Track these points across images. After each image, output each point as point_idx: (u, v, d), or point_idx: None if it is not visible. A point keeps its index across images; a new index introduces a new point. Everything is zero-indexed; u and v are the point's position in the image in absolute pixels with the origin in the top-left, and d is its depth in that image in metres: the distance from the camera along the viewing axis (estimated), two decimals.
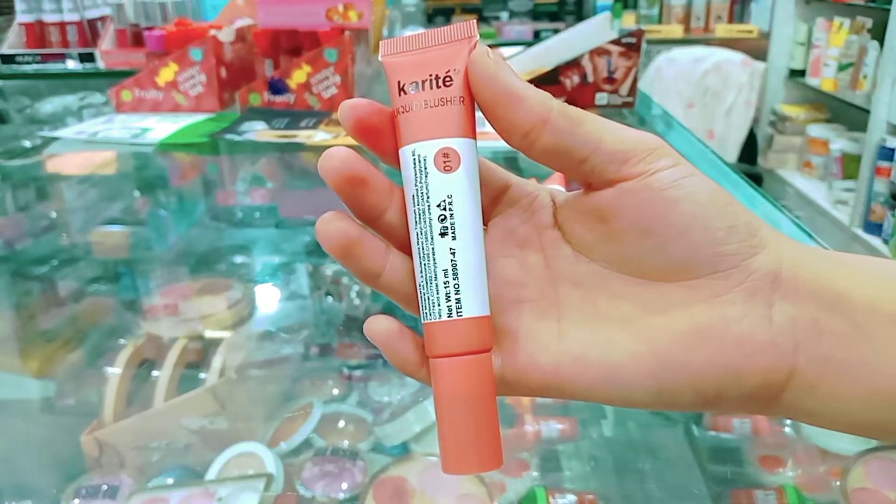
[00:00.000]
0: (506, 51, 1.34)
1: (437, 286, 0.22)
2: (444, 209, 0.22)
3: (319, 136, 0.98)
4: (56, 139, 1.02)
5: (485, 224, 0.24)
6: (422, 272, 0.23)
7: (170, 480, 0.56)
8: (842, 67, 2.33)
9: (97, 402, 0.61)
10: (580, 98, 1.07)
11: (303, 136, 0.98)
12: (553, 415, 0.61)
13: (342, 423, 0.62)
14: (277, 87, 1.09)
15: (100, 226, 0.89)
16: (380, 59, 0.23)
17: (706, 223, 0.21)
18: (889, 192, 1.95)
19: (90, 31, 1.47)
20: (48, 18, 1.44)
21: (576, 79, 1.06)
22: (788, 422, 0.60)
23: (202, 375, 0.63)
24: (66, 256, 0.83)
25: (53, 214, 0.93)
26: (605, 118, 0.22)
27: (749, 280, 0.21)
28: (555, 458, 0.58)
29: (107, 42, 1.42)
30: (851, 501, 0.49)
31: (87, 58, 1.42)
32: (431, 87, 0.22)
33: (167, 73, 1.11)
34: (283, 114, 1.08)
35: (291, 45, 1.12)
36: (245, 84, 1.12)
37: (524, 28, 3.02)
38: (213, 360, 0.63)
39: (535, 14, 3.21)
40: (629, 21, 2.94)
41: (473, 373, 0.22)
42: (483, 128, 0.23)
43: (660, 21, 2.97)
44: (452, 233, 0.22)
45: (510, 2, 3.22)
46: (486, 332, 0.23)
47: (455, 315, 0.22)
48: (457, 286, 0.22)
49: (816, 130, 2.47)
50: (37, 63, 1.42)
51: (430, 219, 0.22)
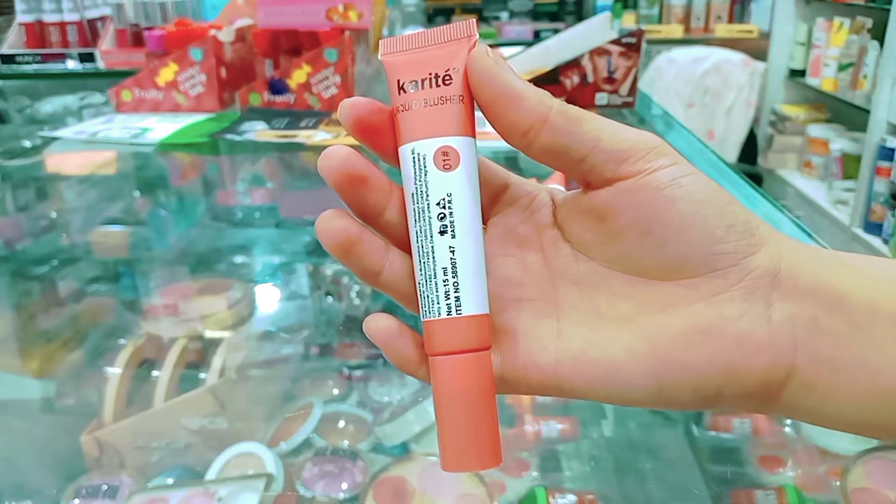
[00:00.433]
0: (506, 51, 1.34)
1: (437, 284, 0.22)
2: (444, 207, 0.22)
3: (319, 136, 0.98)
4: (56, 139, 1.02)
5: (484, 223, 0.24)
6: (421, 270, 0.23)
7: (170, 480, 0.56)
8: (842, 67, 2.33)
9: (97, 402, 0.61)
10: (580, 98, 1.07)
11: (303, 136, 0.98)
12: (553, 415, 0.61)
13: (342, 423, 0.62)
14: (277, 87, 1.09)
15: (100, 226, 0.89)
16: (379, 58, 0.23)
17: (705, 222, 0.21)
18: (889, 192, 1.95)
19: (90, 31, 1.47)
20: (48, 18, 1.44)
21: (576, 79, 1.06)
22: (788, 422, 0.60)
23: (202, 375, 0.63)
24: (66, 256, 0.83)
25: (53, 214, 0.93)
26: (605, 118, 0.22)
27: (748, 278, 0.21)
28: (555, 458, 0.58)
29: (107, 42, 1.42)
30: (851, 501, 0.49)
31: (87, 58, 1.42)
32: (431, 86, 0.22)
33: (167, 73, 1.11)
34: (283, 114, 1.08)
35: (291, 45, 1.12)
36: (245, 84, 1.12)
37: (524, 28, 3.02)
38: (213, 360, 0.63)
39: (535, 14, 3.21)
40: (629, 21, 2.94)
41: (473, 371, 0.22)
42: (483, 128, 0.23)
43: (660, 21, 2.97)
44: (452, 231, 0.22)
45: (510, 2, 3.22)
46: (486, 331, 0.23)
47: (454, 313, 0.22)
48: (456, 284, 0.22)
49: (816, 130, 2.47)
50: (37, 63, 1.42)
51: (430, 217, 0.22)
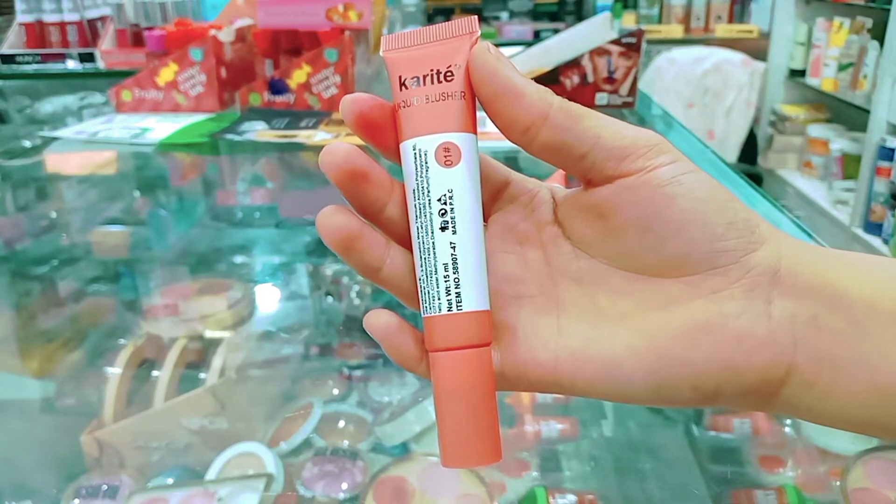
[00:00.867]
0: (506, 51, 1.34)
1: (437, 280, 0.22)
2: (445, 203, 0.22)
3: (319, 136, 0.98)
4: (56, 139, 1.02)
5: (485, 220, 0.24)
6: (422, 266, 0.23)
7: (170, 480, 0.56)
8: (842, 67, 2.33)
9: (97, 402, 0.61)
10: (580, 98, 1.06)
11: (303, 136, 0.98)
12: (553, 414, 0.61)
13: (342, 423, 0.62)
14: (277, 87, 1.09)
15: (100, 226, 0.89)
16: (381, 55, 0.23)
17: (705, 219, 0.21)
18: (889, 192, 1.95)
19: (90, 31, 1.47)
20: (48, 18, 1.44)
21: (576, 79, 1.06)
22: (788, 421, 0.60)
23: (202, 375, 0.63)
24: (66, 256, 0.83)
25: (53, 214, 0.93)
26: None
27: (748, 276, 0.21)
28: (555, 458, 0.58)
29: (107, 42, 1.42)
30: (851, 501, 0.49)
31: (87, 58, 1.42)
32: (432, 82, 0.22)
33: (167, 73, 1.11)
34: (283, 114, 1.08)
35: (291, 45, 1.12)
36: (245, 84, 1.12)
37: (524, 28, 3.02)
38: (213, 360, 0.63)
39: (535, 14, 3.21)
40: (629, 21, 2.94)
41: (473, 366, 0.22)
42: (484, 127, 0.23)
43: (660, 21, 2.97)
44: (453, 227, 0.22)
45: (510, 2, 3.22)
46: (486, 327, 0.23)
47: (455, 309, 0.22)
48: (457, 280, 0.22)
49: (816, 130, 2.47)
50: (37, 63, 1.42)
51: (431, 213, 0.22)
